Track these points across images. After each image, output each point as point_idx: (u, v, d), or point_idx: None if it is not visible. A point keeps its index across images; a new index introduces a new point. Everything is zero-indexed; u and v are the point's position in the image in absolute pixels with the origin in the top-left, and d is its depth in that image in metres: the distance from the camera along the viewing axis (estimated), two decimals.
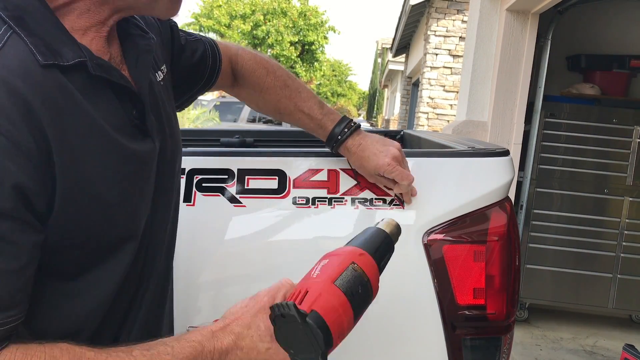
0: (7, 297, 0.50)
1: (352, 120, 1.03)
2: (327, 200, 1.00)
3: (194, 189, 0.98)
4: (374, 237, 0.70)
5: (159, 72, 0.75)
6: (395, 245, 0.98)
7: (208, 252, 0.99)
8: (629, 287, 3.22)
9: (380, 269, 0.68)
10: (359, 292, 0.63)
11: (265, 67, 1.02)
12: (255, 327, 0.63)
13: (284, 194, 0.99)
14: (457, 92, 7.32)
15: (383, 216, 0.90)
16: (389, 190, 1.00)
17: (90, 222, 0.57)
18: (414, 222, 0.97)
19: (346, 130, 1.00)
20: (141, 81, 0.66)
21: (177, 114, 0.83)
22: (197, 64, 0.91)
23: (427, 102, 8.20)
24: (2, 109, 0.49)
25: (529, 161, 3.20)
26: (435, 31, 8.10)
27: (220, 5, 19.52)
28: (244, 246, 1.00)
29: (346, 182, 1.01)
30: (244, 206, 0.99)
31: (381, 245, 0.69)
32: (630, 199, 3.19)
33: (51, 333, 0.56)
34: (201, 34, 1.03)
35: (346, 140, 0.99)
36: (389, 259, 0.71)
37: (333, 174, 1.01)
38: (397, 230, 0.72)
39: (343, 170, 1.02)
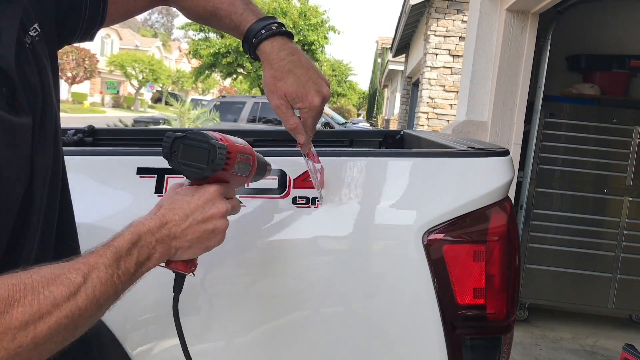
0: None
1: (279, 22, 0.85)
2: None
3: None
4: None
5: (27, 38, 0.68)
6: (396, 245, 0.99)
7: (207, 252, 0.99)
8: (629, 287, 3.22)
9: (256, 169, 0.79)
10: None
11: None
12: (166, 197, 0.72)
13: (284, 194, 0.99)
14: (457, 92, 7.31)
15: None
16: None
17: None
18: (414, 222, 0.97)
19: (263, 32, 0.83)
20: (7, 55, 0.62)
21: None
22: None
23: (427, 102, 8.20)
24: None
25: (529, 161, 3.20)
26: (435, 31, 8.10)
27: None
28: (243, 246, 1.00)
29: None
30: (244, 206, 0.99)
31: (260, 159, 0.82)
32: (630, 199, 3.19)
33: None
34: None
35: (264, 42, 0.83)
36: (260, 175, 0.84)
37: None
38: (264, 165, 0.84)
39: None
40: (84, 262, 0.58)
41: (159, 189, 0.98)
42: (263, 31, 0.84)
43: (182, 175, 0.73)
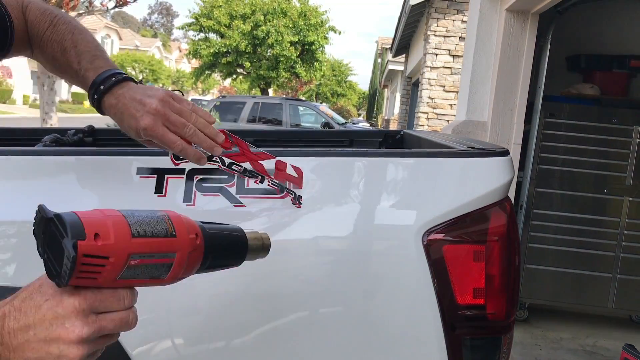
0: None
1: (119, 72, 0.83)
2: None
3: (194, 189, 0.98)
4: (231, 231, 0.63)
5: None
6: (395, 245, 0.98)
7: None
8: (628, 287, 3.22)
9: (209, 260, 0.59)
10: (147, 222, 0.53)
11: (50, 19, 0.89)
12: (32, 285, 0.54)
13: (284, 194, 0.99)
14: (457, 92, 7.31)
15: None
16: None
17: None
18: (414, 222, 0.97)
19: (102, 87, 0.81)
20: None
21: None
22: None
23: (427, 102, 8.20)
24: None
25: (529, 161, 3.20)
26: (435, 31, 8.10)
27: (220, 6, 19.52)
28: None
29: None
30: (244, 206, 0.99)
31: (227, 240, 0.61)
32: (630, 199, 3.20)
33: None
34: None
35: (104, 97, 0.81)
36: (228, 263, 0.64)
37: None
38: (261, 246, 0.65)
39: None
40: None
41: (158, 189, 0.98)
42: (102, 86, 0.82)
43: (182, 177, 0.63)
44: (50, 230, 0.49)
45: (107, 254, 0.49)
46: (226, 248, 0.61)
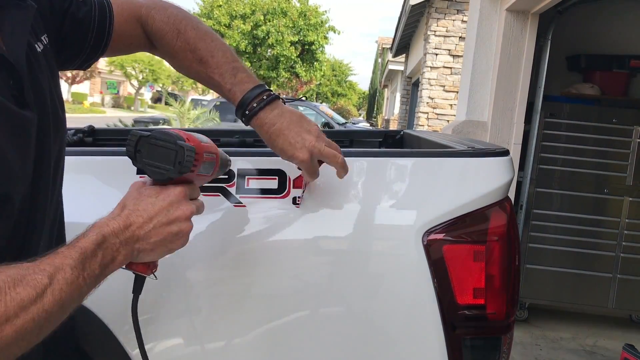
0: None
1: (267, 90, 0.89)
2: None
3: None
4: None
5: (39, 44, 0.72)
6: (395, 245, 0.99)
7: (208, 252, 0.99)
8: (628, 287, 3.22)
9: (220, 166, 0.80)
10: (198, 135, 0.74)
11: (177, 28, 0.90)
12: (130, 197, 0.69)
13: (284, 193, 0.99)
14: (457, 92, 7.31)
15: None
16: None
17: None
18: (414, 222, 0.97)
19: (255, 105, 0.87)
20: (17, 52, 0.65)
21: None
22: (79, 27, 0.83)
23: (427, 102, 8.20)
24: None
25: (529, 161, 3.20)
26: (435, 31, 8.10)
27: (220, 5, 19.53)
28: (244, 246, 1.00)
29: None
30: (244, 206, 0.99)
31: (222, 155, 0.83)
32: (630, 199, 3.19)
33: None
34: None
35: (256, 115, 0.88)
36: (224, 171, 0.85)
37: None
38: (226, 162, 0.85)
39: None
40: (50, 262, 0.57)
41: None
42: (255, 104, 0.88)
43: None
44: (153, 143, 0.67)
45: (197, 152, 0.69)
46: (223, 160, 0.82)
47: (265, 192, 1.00)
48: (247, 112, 0.88)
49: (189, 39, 0.90)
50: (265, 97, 0.88)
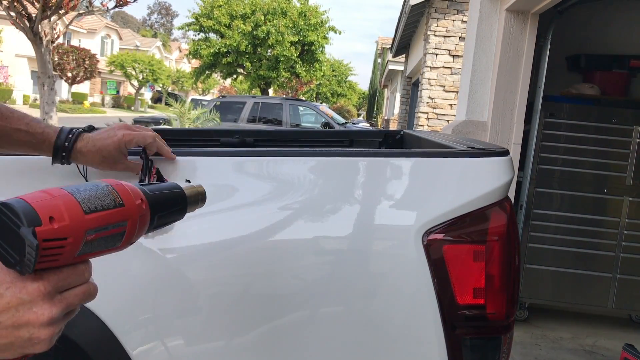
0: None
1: (73, 127, 1.00)
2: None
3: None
4: (170, 189, 0.66)
5: None
6: (396, 245, 0.99)
7: (208, 252, 0.99)
8: (628, 287, 3.22)
9: (155, 220, 0.62)
10: (95, 197, 0.53)
11: None
12: None
13: (283, 193, 0.99)
14: (457, 92, 7.31)
15: None
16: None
17: None
18: (414, 222, 0.97)
19: (70, 136, 0.97)
20: None
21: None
22: None
23: (427, 102, 8.20)
24: None
25: (529, 161, 3.20)
26: (435, 31, 8.10)
27: (220, 5, 19.52)
28: (243, 246, 1.00)
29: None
30: (244, 206, 0.99)
31: (168, 198, 0.64)
32: (630, 199, 3.20)
33: None
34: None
35: (75, 145, 0.97)
36: (172, 219, 0.66)
37: None
38: (198, 197, 0.70)
39: None
40: None
41: None
42: (70, 136, 0.97)
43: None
44: (1, 220, 0.48)
45: (65, 235, 0.49)
46: (169, 206, 0.64)
47: (264, 191, 1.00)
48: (66, 144, 0.96)
49: None
50: (75, 131, 0.99)
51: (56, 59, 24.23)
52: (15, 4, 8.52)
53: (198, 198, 0.70)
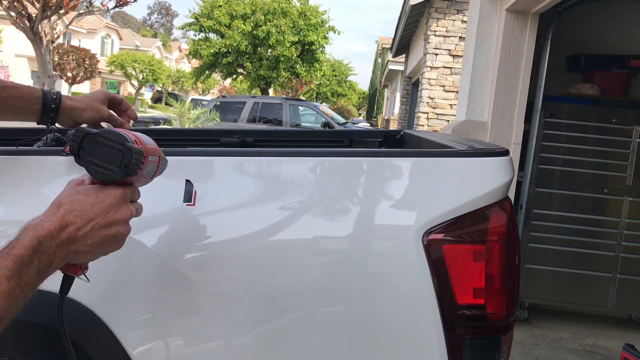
0: None
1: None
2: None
3: (195, 188, 0.98)
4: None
5: None
6: (396, 245, 0.99)
7: (207, 252, 0.99)
8: (628, 287, 3.22)
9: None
10: (145, 137, 0.74)
11: None
12: (65, 196, 0.68)
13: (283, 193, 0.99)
14: (457, 92, 7.31)
15: None
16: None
17: None
18: (414, 222, 0.97)
19: (55, 96, 1.09)
20: None
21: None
22: None
23: (427, 102, 8.20)
24: None
25: (529, 161, 3.20)
26: (435, 31, 8.10)
27: (220, 5, 19.52)
28: (243, 246, 1.00)
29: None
30: (244, 206, 0.99)
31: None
32: (630, 198, 3.20)
33: None
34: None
35: (62, 99, 1.10)
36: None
37: None
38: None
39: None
40: None
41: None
42: (55, 96, 1.10)
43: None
44: (100, 142, 0.66)
45: (145, 154, 0.68)
46: (164, 161, 0.81)
47: (264, 191, 0.99)
48: (54, 96, 1.09)
49: None
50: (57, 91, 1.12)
51: (56, 59, 24.20)
52: (16, 4, 8.52)
53: (166, 165, 0.84)
